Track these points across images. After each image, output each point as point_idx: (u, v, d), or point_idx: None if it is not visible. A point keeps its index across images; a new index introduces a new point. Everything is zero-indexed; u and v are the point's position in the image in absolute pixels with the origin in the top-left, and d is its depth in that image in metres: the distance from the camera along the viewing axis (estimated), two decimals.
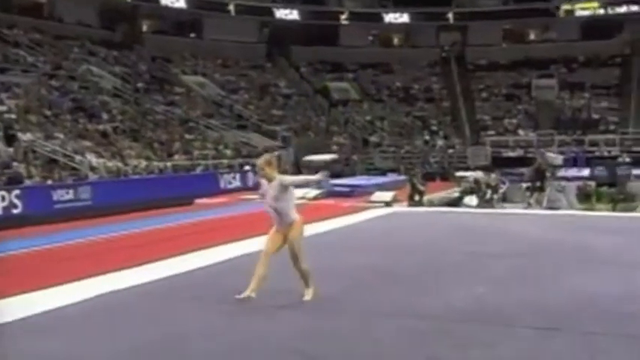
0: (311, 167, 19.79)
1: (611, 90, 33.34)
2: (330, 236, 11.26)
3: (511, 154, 29.67)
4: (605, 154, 28.12)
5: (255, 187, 22.82)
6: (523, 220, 13.21)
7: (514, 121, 32.49)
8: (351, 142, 31.38)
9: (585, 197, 19.04)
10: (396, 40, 40.24)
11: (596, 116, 31.79)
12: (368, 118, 33.66)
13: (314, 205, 15.46)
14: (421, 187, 17.27)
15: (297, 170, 28.55)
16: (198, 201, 17.65)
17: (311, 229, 8.52)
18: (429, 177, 24.26)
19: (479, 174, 26.85)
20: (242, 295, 6.00)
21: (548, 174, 19.33)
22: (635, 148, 28.54)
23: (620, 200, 18.31)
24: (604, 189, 19.25)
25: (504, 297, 6.51)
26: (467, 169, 28.24)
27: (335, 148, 30.62)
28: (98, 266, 8.22)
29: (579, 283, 7.03)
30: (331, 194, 17.72)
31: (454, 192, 19.39)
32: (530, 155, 30.36)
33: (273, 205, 6.13)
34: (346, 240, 10.90)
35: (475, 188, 18.74)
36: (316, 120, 33.18)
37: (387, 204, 17.03)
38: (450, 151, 30.39)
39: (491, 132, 32.01)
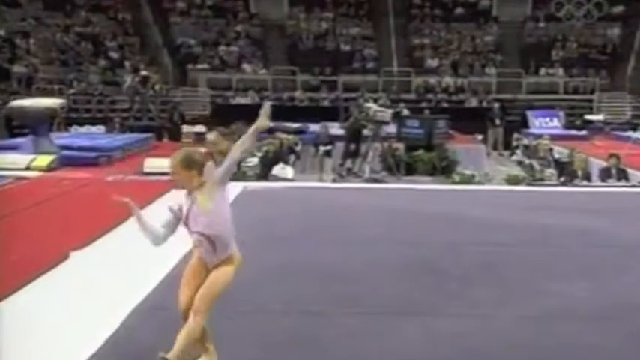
0: (27, 118, 19.41)
1: (362, 10, 34.11)
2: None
3: (242, 100, 29.46)
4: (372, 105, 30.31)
5: None
6: (440, 199, 14.94)
7: (234, 49, 31.77)
8: None
9: (395, 164, 19.51)
10: None
11: (346, 47, 32.91)
12: (1, 33, 30.11)
13: (72, 186, 14.77)
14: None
15: None
16: None
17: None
18: (159, 135, 25.26)
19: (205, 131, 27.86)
20: None
21: (367, 132, 19.99)
22: (405, 96, 30.28)
23: (443, 169, 19.39)
24: (420, 153, 19.80)
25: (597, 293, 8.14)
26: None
27: None
28: None
29: None
30: (68, 162, 17.63)
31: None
32: (266, 101, 31.11)
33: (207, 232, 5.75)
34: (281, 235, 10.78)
35: (279, 153, 19.38)
36: None
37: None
38: (150, 92, 28.39)
39: (204, 65, 30.98)
